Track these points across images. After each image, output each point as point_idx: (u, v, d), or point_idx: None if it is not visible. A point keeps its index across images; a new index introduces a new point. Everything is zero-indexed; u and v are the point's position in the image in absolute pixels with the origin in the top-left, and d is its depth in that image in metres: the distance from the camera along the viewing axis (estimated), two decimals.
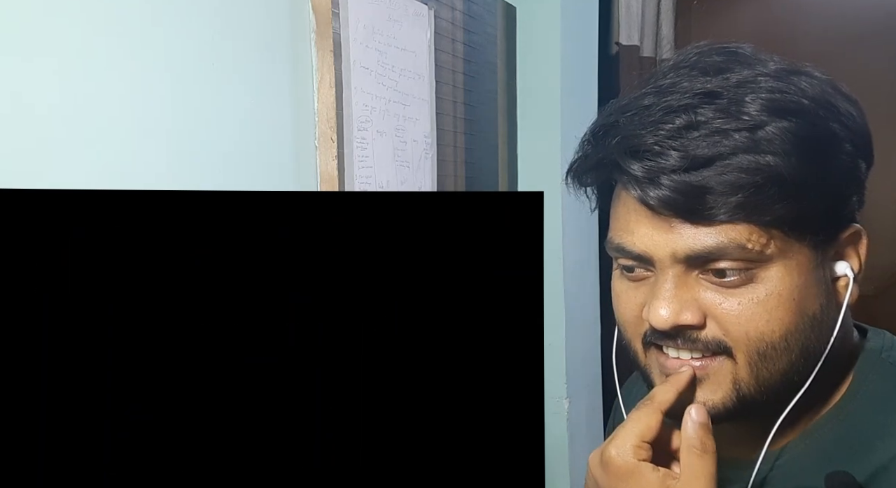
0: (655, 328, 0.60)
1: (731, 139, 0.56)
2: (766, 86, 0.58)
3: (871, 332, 0.68)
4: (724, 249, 0.57)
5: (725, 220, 0.57)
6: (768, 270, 0.58)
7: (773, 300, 0.58)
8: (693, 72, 0.61)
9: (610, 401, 2.07)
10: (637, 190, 0.59)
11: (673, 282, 0.59)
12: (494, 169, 1.81)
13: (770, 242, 0.57)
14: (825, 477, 0.59)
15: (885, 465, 0.59)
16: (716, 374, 0.60)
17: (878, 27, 2.17)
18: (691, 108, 0.58)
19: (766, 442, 0.63)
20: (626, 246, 0.62)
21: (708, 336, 0.60)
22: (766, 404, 0.61)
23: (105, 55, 0.89)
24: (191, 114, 1.00)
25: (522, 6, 1.89)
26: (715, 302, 0.59)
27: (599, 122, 0.64)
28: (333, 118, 1.20)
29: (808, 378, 0.61)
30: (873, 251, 0.65)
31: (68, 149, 0.85)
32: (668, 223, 0.59)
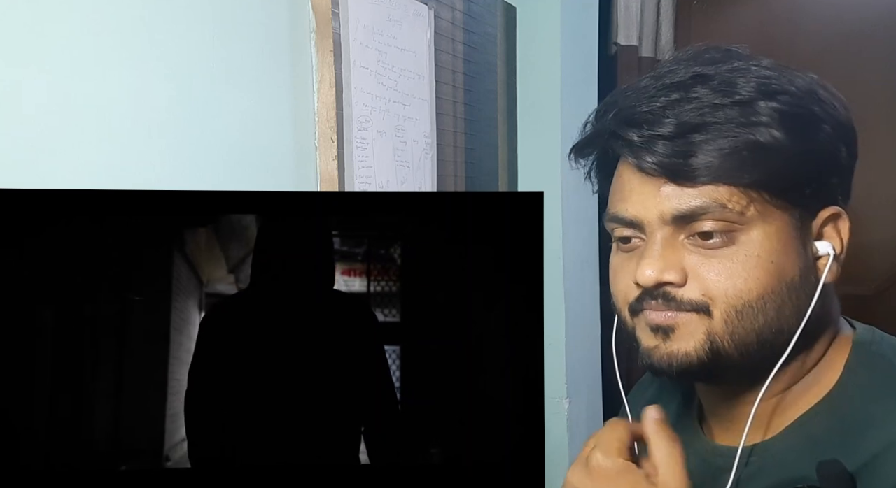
0: (640, 284, 0.65)
1: (721, 111, 0.62)
2: (758, 73, 0.64)
3: (860, 326, 0.71)
4: (707, 208, 0.62)
5: (707, 182, 0.62)
6: (749, 233, 0.63)
7: (752, 261, 0.63)
8: (690, 62, 0.67)
9: (610, 401, 2.07)
10: (633, 156, 0.64)
11: (661, 244, 0.64)
12: (494, 169, 1.81)
13: (750, 205, 0.62)
14: (816, 465, 0.60)
15: (877, 454, 0.61)
16: (689, 325, 0.64)
17: (878, 27, 2.17)
18: (686, 86, 0.64)
19: (748, 423, 0.66)
20: (620, 213, 0.67)
21: (686, 295, 0.64)
22: (741, 365, 0.65)
23: (105, 56, 0.89)
24: (191, 114, 1.00)
25: (522, 6, 1.89)
26: (698, 263, 0.64)
27: (600, 108, 0.69)
28: (333, 118, 1.20)
29: (785, 350, 0.64)
30: (873, 251, 0.66)
31: (68, 149, 0.85)
32: (657, 186, 0.64)
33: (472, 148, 1.69)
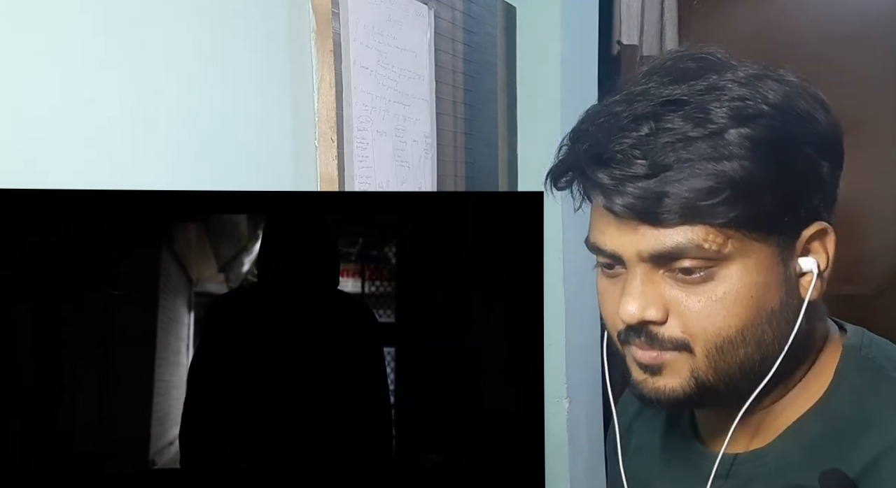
0: (625, 322, 0.64)
1: (693, 146, 0.60)
2: (732, 94, 0.61)
3: (850, 330, 0.70)
4: (684, 249, 0.61)
5: (680, 223, 0.60)
6: (728, 268, 0.62)
7: (730, 297, 0.62)
8: (665, 78, 0.64)
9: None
10: (602, 197, 0.62)
11: (640, 280, 0.63)
12: (494, 169, 1.81)
13: (727, 242, 0.61)
14: (819, 475, 0.60)
15: (875, 459, 0.61)
16: (673, 364, 0.64)
17: (877, 27, 2.17)
18: (655, 116, 0.61)
19: (730, 431, 0.66)
20: (600, 245, 0.66)
21: (667, 334, 0.64)
22: (729, 393, 0.65)
23: (105, 55, 0.89)
24: (191, 114, 1.00)
25: (522, 6, 1.89)
26: (678, 299, 0.63)
27: (576, 128, 0.68)
28: (333, 118, 1.20)
29: (770, 370, 0.64)
30: (873, 251, 0.66)
31: (67, 149, 0.85)
32: (632, 225, 0.62)
33: (472, 148, 1.69)
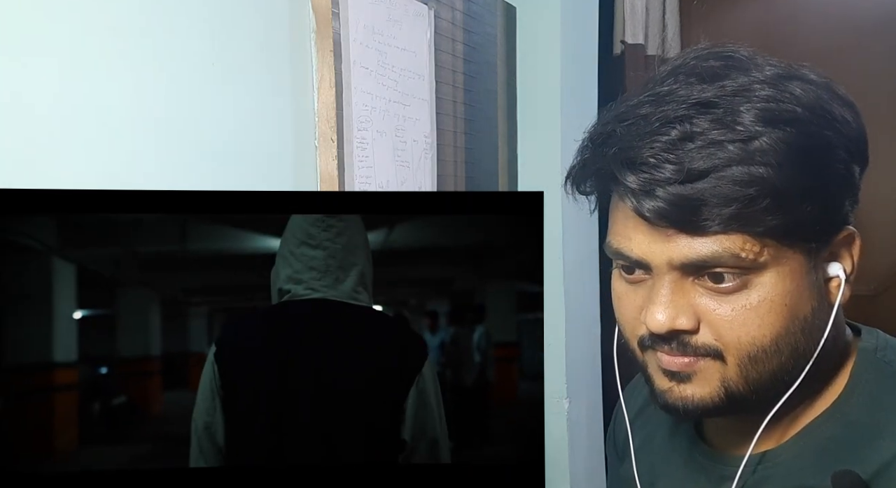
0: (651, 331, 0.62)
1: (725, 151, 0.57)
2: (761, 94, 0.59)
3: (864, 332, 0.69)
4: (719, 258, 0.59)
5: (719, 231, 0.58)
6: (761, 277, 0.60)
7: (765, 306, 0.60)
8: (690, 78, 0.62)
9: (610, 401, 2.07)
10: (633, 201, 0.60)
11: (669, 288, 0.61)
12: (494, 169, 1.81)
13: (763, 250, 0.59)
14: (831, 476, 0.60)
15: (889, 463, 0.60)
16: (704, 372, 0.62)
17: (879, 26, 2.17)
18: (687, 119, 0.59)
19: (755, 437, 0.64)
20: (625, 251, 0.63)
21: (700, 341, 0.61)
22: (756, 402, 0.63)
23: (105, 55, 0.89)
24: (191, 114, 1.00)
25: (522, 6, 1.88)
26: (709, 307, 0.61)
27: (598, 130, 0.65)
28: (333, 118, 1.20)
29: (799, 377, 0.62)
30: (873, 251, 0.65)
31: (67, 149, 0.85)
32: (664, 232, 0.60)
33: (472, 148, 1.69)
